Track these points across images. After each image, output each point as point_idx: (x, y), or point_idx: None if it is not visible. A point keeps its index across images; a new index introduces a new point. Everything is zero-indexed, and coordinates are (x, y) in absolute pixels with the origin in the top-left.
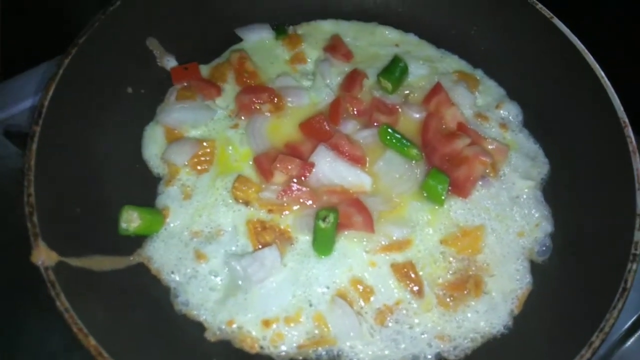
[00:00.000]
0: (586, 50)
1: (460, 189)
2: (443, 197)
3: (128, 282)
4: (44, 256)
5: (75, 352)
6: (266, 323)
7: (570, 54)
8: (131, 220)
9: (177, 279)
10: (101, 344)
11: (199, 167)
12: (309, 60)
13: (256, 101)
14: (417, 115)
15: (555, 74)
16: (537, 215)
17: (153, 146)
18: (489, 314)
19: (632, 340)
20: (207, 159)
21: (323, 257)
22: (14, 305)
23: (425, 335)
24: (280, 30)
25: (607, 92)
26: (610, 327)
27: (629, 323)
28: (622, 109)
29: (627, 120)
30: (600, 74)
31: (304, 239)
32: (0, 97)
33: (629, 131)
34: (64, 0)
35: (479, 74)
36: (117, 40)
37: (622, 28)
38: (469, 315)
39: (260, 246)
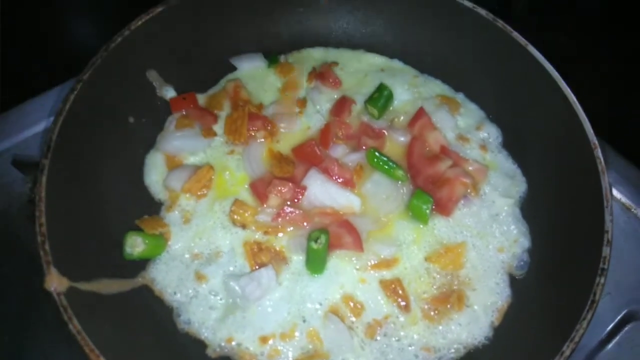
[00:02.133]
0: (559, 77)
1: (443, 208)
2: (427, 216)
3: (133, 303)
4: (56, 282)
5: None
6: (263, 339)
7: (544, 80)
8: (135, 245)
9: (179, 298)
10: None
11: (198, 193)
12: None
13: (251, 128)
14: (403, 139)
15: (531, 99)
16: (515, 231)
17: (154, 173)
18: (471, 326)
19: (610, 345)
20: (206, 184)
21: (316, 275)
22: (21, 325)
23: (412, 347)
24: (272, 59)
25: (579, 116)
26: (580, 337)
27: (608, 328)
28: (592, 132)
29: (596, 143)
30: (573, 99)
31: (298, 259)
32: (6, 126)
33: (599, 152)
34: (65, 27)
35: (460, 97)
36: (118, 74)
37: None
38: (453, 327)
39: (257, 266)
